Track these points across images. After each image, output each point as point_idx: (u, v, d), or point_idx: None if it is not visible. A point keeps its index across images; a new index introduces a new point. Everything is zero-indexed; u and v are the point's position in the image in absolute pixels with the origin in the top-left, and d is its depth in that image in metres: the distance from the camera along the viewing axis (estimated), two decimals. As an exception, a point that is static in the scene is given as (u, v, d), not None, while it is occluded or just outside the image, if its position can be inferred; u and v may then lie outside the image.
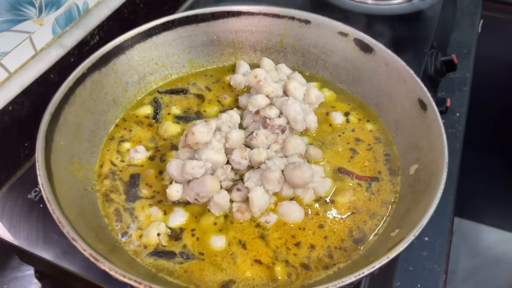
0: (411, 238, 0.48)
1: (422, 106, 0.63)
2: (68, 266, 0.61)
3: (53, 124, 0.59)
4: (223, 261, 0.55)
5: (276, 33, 0.79)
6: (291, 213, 0.58)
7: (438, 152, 0.57)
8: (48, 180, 0.53)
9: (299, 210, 0.59)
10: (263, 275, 0.54)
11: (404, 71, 0.67)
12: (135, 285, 0.44)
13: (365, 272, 0.45)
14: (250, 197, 0.57)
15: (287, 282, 0.53)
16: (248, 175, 0.60)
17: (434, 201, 0.51)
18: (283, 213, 0.59)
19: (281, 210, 0.59)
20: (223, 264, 0.55)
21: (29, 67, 0.83)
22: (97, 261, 0.46)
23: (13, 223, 0.66)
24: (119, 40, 0.71)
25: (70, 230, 0.48)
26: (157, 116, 0.72)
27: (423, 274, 0.76)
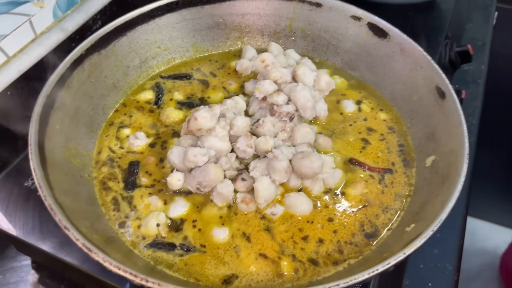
0: (430, 233, 0.44)
1: (440, 94, 0.60)
2: (65, 257, 0.59)
3: (48, 107, 0.56)
4: (225, 254, 0.52)
5: (285, 17, 0.75)
6: (298, 205, 0.55)
7: (458, 142, 0.53)
8: (41, 165, 0.50)
9: (307, 202, 0.55)
10: (268, 270, 0.51)
11: (421, 57, 0.63)
12: (131, 278, 0.41)
13: (379, 269, 0.42)
14: (255, 187, 0.54)
15: (294, 278, 0.50)
16: (253, 164, 0.57)
17: (454, 194, 0.48)
18: (290, 205, 0.55)
19: (288, 201, 0.55)
20: (226, 257, 0.52)
21: (28, 51, 0.81)
22: (91, 252, 0.43)
23: (9, 211, 0.64)
24: (120, 20, 0.67)
25: (62, 218, 0.45)
26: (159, 102, 0.69)
27: (435, 272, 0.73)
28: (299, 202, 0.55)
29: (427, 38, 0.98)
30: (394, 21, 0.70)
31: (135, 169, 0.60)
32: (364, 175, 0.60)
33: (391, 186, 0.59)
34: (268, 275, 0.50)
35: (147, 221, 0.54)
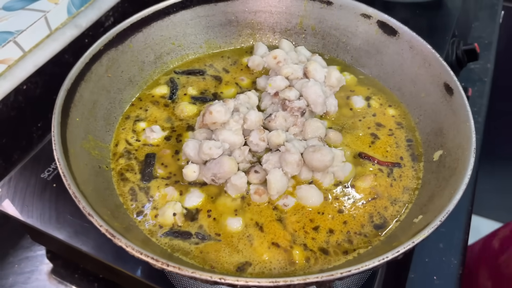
0: (437, 223, 0.46)
1: (448, 91, 0.61)
2: (80, 246, 0.61)
3: (69, 100, 0.58)
4: (239, 242, 0.54)
5: (296, 14, 0.77)
6: (309, 196, 0.57)
7: (465, 137, 0.55)
8: (64, 155, 0.52)
9: (318, 194, 0.57)
10: (280, 259, 0.53)
11: (429, 55, 0.65)
12: (152, 262, 0.43)
13: (389, 256, 0.44)
14: (268, 179, 0.56)
15: (305, 266, 0.52)
16: (266, 157, 0.58)
17: (461, 187, 0.49)
18: (301, 196, 0.57)
19: (300, 193, 0.57)
20: (240, 245, 0.54)
21: (44, 47, 0.83)
22: (114, 237, 0.45)
23: (26, 202, 0.66)
24: (136, 17, 0.69)
25: (86, 205, 0.47)
26: (173, 97, 0.71)
27: (440, 266, 0.75)
28: (310, 194, 0.57)
29: (434, 36, 0.99)
30: (402, 20, 0.71)
31: (152, 161, 0.62)
32: (373, 169, 0.62)
33: (400, 180, 0.61)
34: (280, 263, 0.52)
35: (163, 210, 0.56)
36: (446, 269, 0.74)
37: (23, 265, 0.71)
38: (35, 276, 0.70)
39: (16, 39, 0.78)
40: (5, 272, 0.69)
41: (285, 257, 0.53)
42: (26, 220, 0.64)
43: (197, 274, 0.41)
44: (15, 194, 0.66)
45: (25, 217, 0.64)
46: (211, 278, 0.41)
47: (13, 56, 0.78)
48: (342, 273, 0.42)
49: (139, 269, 0.60)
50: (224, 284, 0.42)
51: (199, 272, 0.42)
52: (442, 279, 0.73)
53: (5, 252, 0.72)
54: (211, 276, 0.41)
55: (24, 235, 0.74)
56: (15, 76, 0.78)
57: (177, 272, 0.42)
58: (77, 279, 0.70)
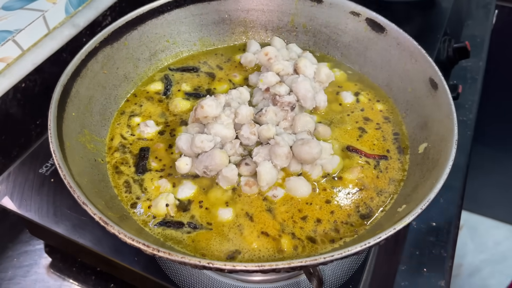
0: (418, 211, 0.48)
1: (433, 86, 0.63)
2: (78, 239, 0.63)
3: (65, 95, 0.60)
4: (230, 231, 0.56)
5: (287, 12, 0.78)
6: (298, 188, 0.58)
7: (448, 130, 0.57)
8: (60, 148, 0.54)
9: (306, 185, 0.59)
10: (269, 247, 0.54)
11: (415, 51, 0.66)
12: (143, 248, 0.44)
13: (371, 242, 0.45)
14: (258, 171, 0.58)
15: (293, 254, 0.54)
16: (256, 150, 0.60)
17: (442, 176, 0.51)
18: (290, 188, 0.59)
19: (289, 185, 0.59)
20: (230, 234, 0.55)
21: (42, 45, 0.84)
22: (107, 225, 0.46)
23: (24, 197, 0.67)
24: (131, 15, 0.71)
25: (80, 194, 0.48)
26: (168, 93, 0.73)
27: (430, 259, 0.76)
28: (298, 185, 0.59)
29: (426, 34, 1.01)
30: (394, 18, 0.73)
31: (146, 154, 0.64)
32: (361, 161, 0.63)
33: (386, 172, 0.63)
34: (269, 251, 0.54)
35: (157, 201, 0.58)
36: (436, 261, 0.75)
37: (22, 259, 0.72)
38: (34, 270, 0.71)
39: (15, 38, 0.79)
40: (4, 265, 0.71)
41: (273, 245, 0.54)
42: (24, 214, 0.65)
43: (186, 259, 0.43)
44: (14, 189, 0.68)
45: (23, 211, 0.65)
46: (199, 263, 0.43)
47: (12, 55, 0.80)
48: (325, 257, 0.43)
49: (136, 261, 0.61)
50: (212, 268, 0.43)
51: (188, 257, 0.43)
52: (431, 271, 0.74)
53: (4, 246, 0.73)
54: (200, 261, 0.43)
55: (23, 230, 0.75)
56: (14, 74, 0.79)
57: (167, 258, 0.43)
58: (75, 273, 0.71)
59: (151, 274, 0.61)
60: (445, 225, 0.81)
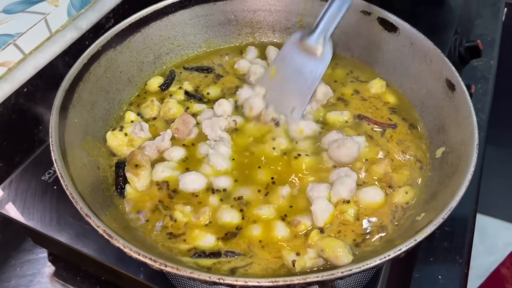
0: (440, 220, 0.45)
1: (450, 87, 0.60)
2: (82, 248, 0.61)
3: (67, 101, 0.58)
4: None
5: (296, 12, 0.76)
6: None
7: (468, 134, 0.54)
8: (62, 157, 0.52)
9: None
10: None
11: (430, 51, 0.64)
12: (150, 263, 0.42)
13: (390, 254, 0.43)
14: (313, 210, 0.54)
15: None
16: (312, 186, 0.57)
17: (464, 184, 0.48)
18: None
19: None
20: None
21: (44, 49, 0.83)
22: (111, 238, 0.44)
23: (27, 204, 0.65)
24: (134, 17, 0.69)
25: (83, 206, 0.46)
26: (166, 88, 0.71)
27: (445, 265, 0.74)
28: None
29: (437, 33, 0.98)
30: (404, 17, 0.71)
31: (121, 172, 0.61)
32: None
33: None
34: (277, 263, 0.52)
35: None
36: (451, 268, 0.73)
37: (25, 268, 0.71)
38: (37, 279, 0.69)
39: (16, 41, 0.78)
40: (7, 275, 0.69)
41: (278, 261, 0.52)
42: (27, 223, 0.63)
43: (195, 274, 0.41)
44: (16, 197, 0.66)
45: (26, 220, 0.63)
46: (209, 279, 0.41)
47: (14, 59, 0.78)
48: (343, 272, 0.41)
49: (141, 271, 0.59)
50: (223, 284, 0.41)
51: (197, 272, 0.41)
52: (447, 278, 0.72)
53: (7, 254, 0.71)
54: (210, 277, 0.41)
55: (26, 238, 0.74)
56: (16, 79, 0.77)
57: (175, 273, 0.41)
58: (79, 282, 0.69)
59: (158, 285, 0.59)
60: (460, 230, 0.79)
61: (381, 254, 0.43)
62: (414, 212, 0.54)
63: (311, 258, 0.50)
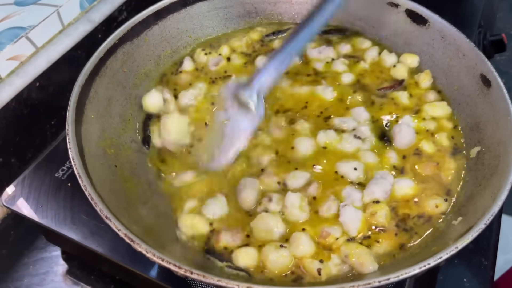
0: (482, 226, 0.43)
1: (485, 83, 0.57)
2: (96, 247, 0.59)
3: (83, 97, 0.56)
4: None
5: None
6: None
7: (506, 133, 0.51)
8: (79, 155, 0.49)
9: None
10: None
11: (463, 44, 0.61)
12: (174, 270, 0.40)
13: (431, 263, 0.40)
14: (342, 222, 0.52)
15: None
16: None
17: (506, 186, 0.46)
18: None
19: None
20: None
21: (56, 42, 0.81)
22: (133, 242, 0.42)
23: (40, 202, 0.64)
24: (151, 9, 0.67)
25: (103, 208, 0.44)
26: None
27: (469, 268, 0.71)
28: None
29: (461, 27, 0.95)
30: (430, 8, 0.68)
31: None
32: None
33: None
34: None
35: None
36: (476, 271, 0.71)
37: (38, 266, 0.70)
38: (50, 278, 0.68)
39: (28, 34, 0.76)
40: (20, 273, 0.68)
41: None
42: (40, 221, 0.62)
43: (223, 282, 0.39)
44: (30, 194, 0.65)
45: (39, 218, 0.62)
46: (238, 287, 0.38)
47: (26, 53, 0.76)
48: (380, 281, 0.38)
49: (156, 271, 0.57)
50: (253, 293, 0.39)
51: (225, 280, 0.39)
52: (472, 281, 0.69)
53: (20, 253, 0.70)
54: (238, 285, 0.38)
55: (39, 236, 0.73)
56: (28, 73, 0.76)
57: (201, 280, 0.39)
58: (93, 281, 0.68)
59: (174, 286, 0.57)
60: (485, 230, 0.76)
61: (420, 262, 0.40)
62: (450, 215, 0.51)
63: (336, 265, 0.48)
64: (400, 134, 0.58)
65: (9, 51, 0.72)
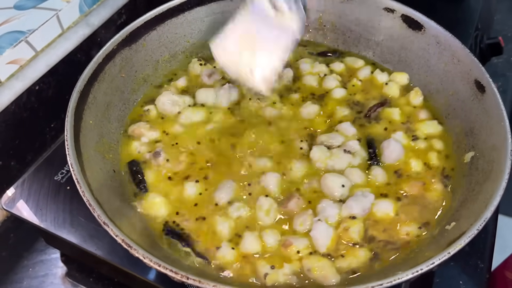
0: (474, 232, 0.43)
1: (479, 88, 0.58)
2: (94, 250, 0.60)
3: (82, 102, 0.57)
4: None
5: (315, 9, 0.74)
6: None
7: (500, 138, 0.52)
8: (78, 160, 0.50)
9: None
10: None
11: (458, 50, 0.62)
12: (171, 275, 0.41)
13: (423, 268, 0.41)
14: (313, 236, 0.51)
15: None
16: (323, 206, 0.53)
17: (498, 192, 0.46)
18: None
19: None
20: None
21: (56, 46, 0.81)
22: (130, 248, 0.43)
23: (40, 205, 0.64)
24: (150, 15, 0.67)
25: (101, 213, 0.45)
26: None
27: (466, 270, 0.72)
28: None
29: (458, 30, 0.94)
30: (422, 13, 0.68)
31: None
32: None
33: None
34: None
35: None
36: (472, 273, 0.71)
37: (38, 269, 0.70)
38: (50, 280, 0.68)
39: (27, 38, 0.76)
40: (20, 275, 0.68)
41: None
42: (40, 224, 0.62)
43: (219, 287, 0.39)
44: (29, 197, 0.65)
45: (39, 221, 0.62)
46: (234, 292, 0.39)
47: (25, 56, 0.76)
48: (373, 286, 0.39)
49: (155, 274, 0.58)
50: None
51: (221, 286, 0.39)
52: (468, 284, 0.70)
53: (19, 255, 0.71)
54: (235, 290, 0.39)
55: (38, 238, 0.73)
56: (27, 77, 0.76)
57: (197, 286, 0.39)
58: (92, 283, 0.68)
59: (173, 289, 0.58)
60: (481, 234, 0.77)
61: (412, 268, 0.41)
62: (444, 221, 0.52)
63: (285, 274, 0.48)
64: (389, 149, 0.58)
65: (8, 55, 0.72)
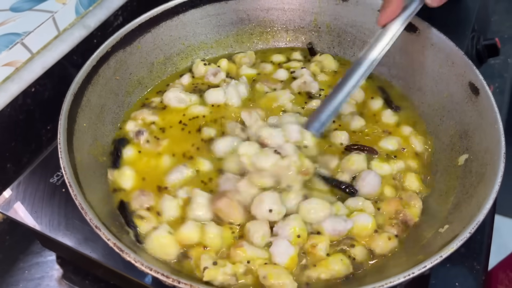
0: (467, 235, 0.43)
1: (473, 91, 0.58)
2: (90, 253, 0.59)
3: (76, 105, 0.57)
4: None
5: (310, 12, 0.74)
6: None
7: (493, 141, 0.52)
8: (71, 164, 0.50)
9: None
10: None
11: (452, 52, 0.61)
12: (162, 279, 0.41)
13: (415, 272, 0.41)
14: (272, 252, 0.49)
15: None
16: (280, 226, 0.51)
17: (491, 195, 0.46)
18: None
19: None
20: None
21: (52, 48, 0.81)
22: (122, 252, 0.43)
23: (35, 207, 0.64)
24: (144, 17, 0.67)
25: (93, 217, 0.45)
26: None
27: (462, 272, 0.71)
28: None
29: (454, 31, 0.95)
30: (419, 14, 0.68)
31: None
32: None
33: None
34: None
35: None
36: (468, 275, 0.71)
37: (33, 271, 0.70)
38: (46, 283, 0.68)
39: (23, 40, 0.76)
40: (15, 278, 0.68)
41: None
42: (35, 227, 0.62)
43: (211, 291, 0.39)
44: (24, 200, 0.65)
45: (34, 224, 0.62)
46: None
47: (21, 58, 0.76)
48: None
49: (150, 277, 0.58)
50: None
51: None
52: (464, 285, 0.70)
53: (15, 257, 0.70)
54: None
55: (34, 240, 0.73)
56: (23, 79, 0.76)
57: (189, 289, 0.39)
58: (87, 285, 0.68)
59: (168, 292, 0.58)
60: (477, 235, 0.76)
61: (404, 271, 0.41)
62: (437, 223, 0.52)
63: (225, 274, 0.46)
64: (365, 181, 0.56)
65: (4, 57, 0.72)
